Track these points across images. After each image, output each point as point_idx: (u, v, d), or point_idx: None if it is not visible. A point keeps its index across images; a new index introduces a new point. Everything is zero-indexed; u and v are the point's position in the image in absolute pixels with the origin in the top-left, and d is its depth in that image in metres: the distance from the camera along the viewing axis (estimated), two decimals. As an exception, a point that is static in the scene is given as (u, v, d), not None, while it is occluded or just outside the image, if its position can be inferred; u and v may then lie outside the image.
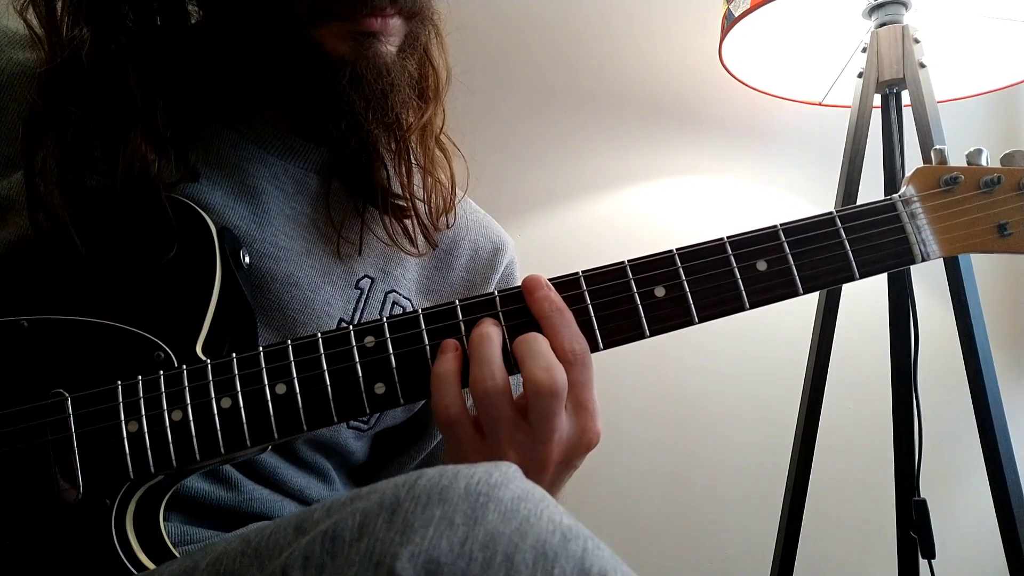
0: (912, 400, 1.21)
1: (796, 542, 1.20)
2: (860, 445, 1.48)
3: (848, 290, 1.20)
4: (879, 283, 1.26)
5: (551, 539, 0.39)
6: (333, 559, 0.38)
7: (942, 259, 1.08)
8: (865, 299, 1.37)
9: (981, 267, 1.14)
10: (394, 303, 0.72)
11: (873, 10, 1.17)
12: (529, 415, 0.54)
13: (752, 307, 0.57)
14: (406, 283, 0.74)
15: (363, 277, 0.71)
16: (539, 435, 0.54)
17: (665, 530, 1.50)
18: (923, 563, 1.21)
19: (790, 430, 1.23)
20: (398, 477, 0.42)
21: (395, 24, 0.62)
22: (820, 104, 1.39)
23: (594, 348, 0.56)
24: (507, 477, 0.41)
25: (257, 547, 0.42)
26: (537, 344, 0.54)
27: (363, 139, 0.67)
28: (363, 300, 0.71)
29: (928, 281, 1.43)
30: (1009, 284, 1.55)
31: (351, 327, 0.56)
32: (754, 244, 0.58)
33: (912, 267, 1.20)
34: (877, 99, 1.21)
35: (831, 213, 0.59)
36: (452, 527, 0.38)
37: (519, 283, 0.80)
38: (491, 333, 0.55)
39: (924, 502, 1.18)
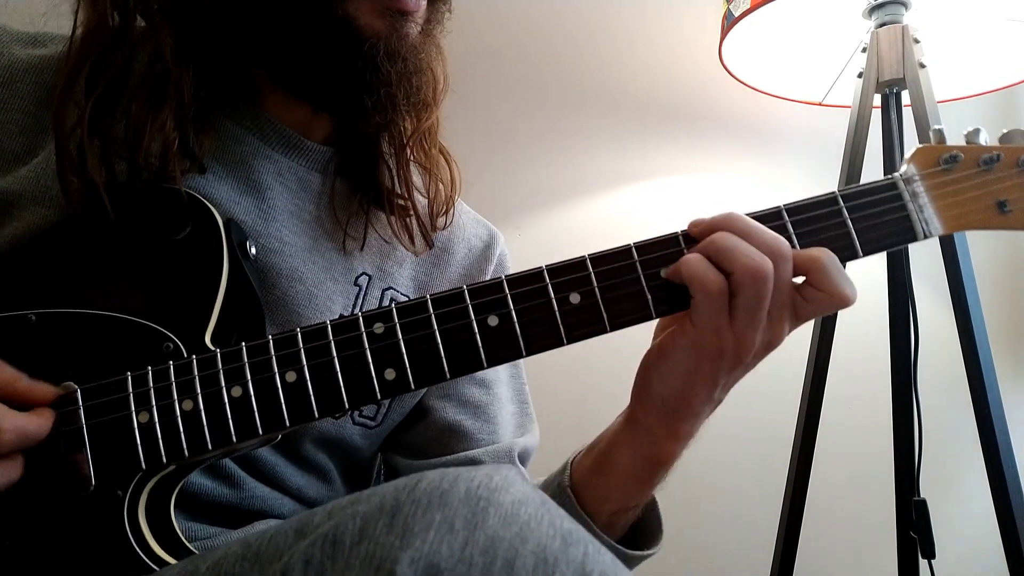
0: (912, 400, 1.21)
1: (796, 542, 1.20)
2: (860, 445, 1.48)
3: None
4: (879, 282, 1.26)
5: (552, 544, 0.39)
6: (333, 563, 0.38)
7: (942, 258, 1.09)
8: (865, 299, 1.36)
9: (981, 266, 1.14)
10: (392, 299, 0.73)
11: (873, 10, 1.18)
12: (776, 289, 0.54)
13: None
14: (403, 280, 0.75)
15: (361, 274, 0.72)
16: (770, 315, 0.55)
17: (665, 530, 1.50)
18: (923, 563, 1.21)
19: (790, 430, 1.23)
20: (398, 480, 0.42)
21: (424, 7, 0.65)
22: (820, 104, 1.40)
23: (602, 331, 0.57)
24: (507, 481, 0.42)
25: (257, 551, 0.42)
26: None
27: (388, 115, 0.68)
28: (361, 296, 0.72)
29: (928, 281, 1.43)
30: (1009, 283, 1.55)
31: (360, 314, 0.56)
32: (758, 222, 0.58)
33: (912, 267, 1.20)
34: (877, 99, 1.22)
35: (833, 193, 0.59)
36: (452, 531, 0.38)
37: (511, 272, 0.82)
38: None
39: (924, 502, 1.18)
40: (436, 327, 0.56)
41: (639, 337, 0.63)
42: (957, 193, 0.60)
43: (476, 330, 0.56)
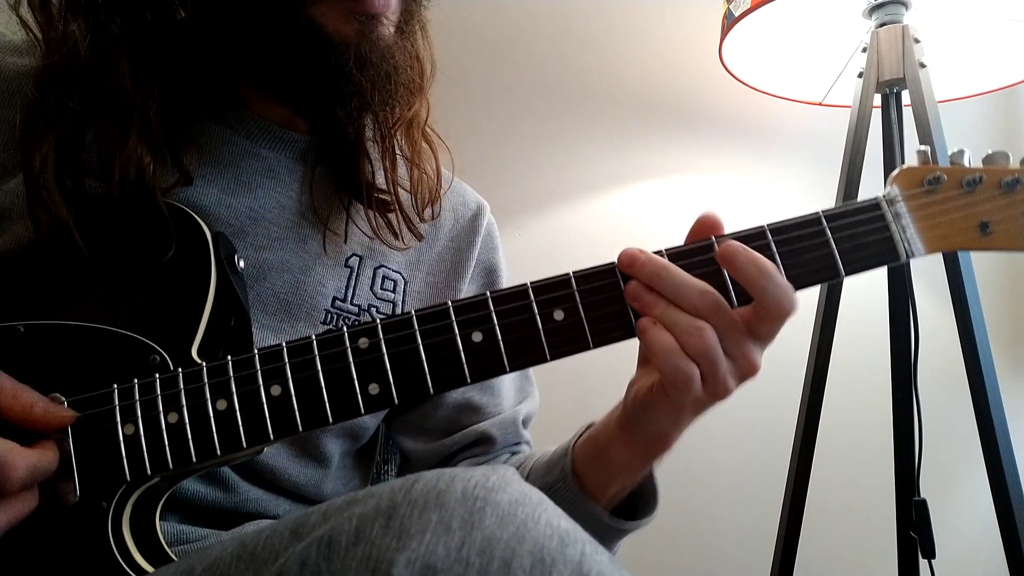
0: (912, 400, 1.21)
1: (796, 542, 1.20)
2: (860, 445, 1.48)
3: (848, 290, 1.20)
4: (879, 283, 1.26)
5: (549, 543, 0.39)
6: (329, 564, 0.38)
7: (942, 259, 1.09)
8: (865, 299, 1.37)
9: (981, 267, 1.14)
10: (384, 277, 0.74)
11: (873, 10, 1.17)
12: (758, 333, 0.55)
13: (740, 304, 0.57)
14: (394, 256, 0.75)
15: (351, 256, 0.72)
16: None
17: (665, 530, 1.50)
18: (923, 563, 1.21)
19: (790, 430, 1.22)
20: (395, 481, 0.42)
21: (395, 3, 0.62)
22: (820, 104, 1.39)
23: (585, 348, 0.57)
24: (504, 481, 0.42)
25: (253, 551, 0.42)
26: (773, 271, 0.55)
27: (364, 122, 0.67)
28: (354, 277, 0.72)
29: (928, 281, 1.43)
30: (1009, 284, 1.55)
31: (345, 328, 0.56)
32: (742, 243, 0.58)
33: (912, 267, 1.20)
34: (877, 99, 1.21)
35: (817, 213, 0.59)
36: (449, 532, 0.38)
37: (498, 240, 0.82)
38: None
39: (924, 502, 1.18)
40: (420, 342, 0.56)
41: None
42: (940, 214, 0.60)
43: (460, 346, 0.56)
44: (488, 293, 0.57)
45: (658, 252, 0.58)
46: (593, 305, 0.57)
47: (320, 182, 0.72)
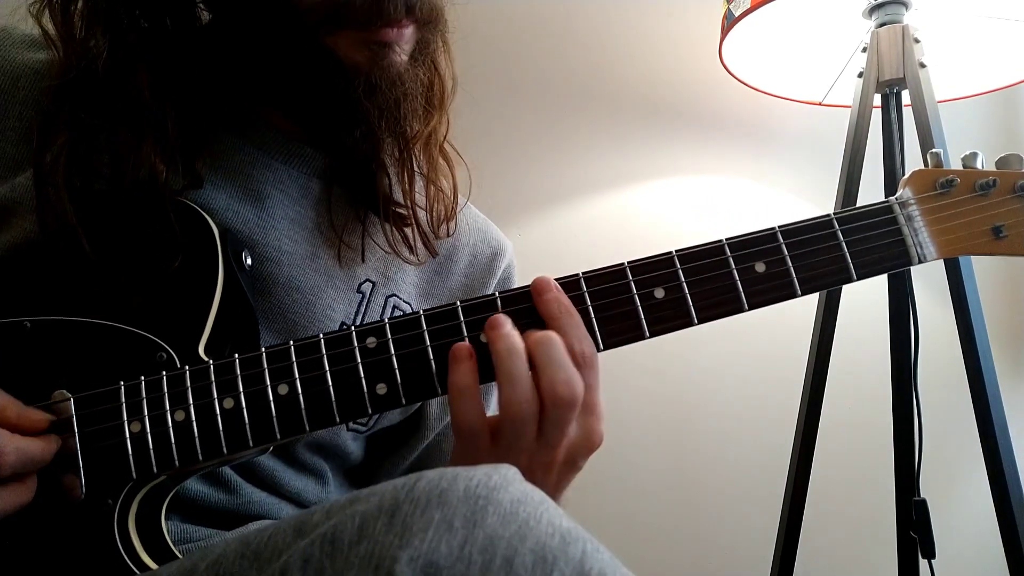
0: (912, 400, 1.21)
1: (796, 542, 1.20)
2: (860, 445, 1.48)
3: (848, 290, 1.19)
4: (879, 283, 1.26)
5: (550, 542, 0.39)
6: (332, 562, 0.38)
7: (942, 260, 1.09)
8: (865, 299, 1.37)
9: (981, 267, 1.14)
10: (395, 307, 0.73)
11: (873, 10, 1.17)
12: (543, 423, 0.54)
13: (751, 308, 0.57)
14: (407, 287, 0.74)
15: (365, 281, 0.71)
16: (550, 440, 0.54)
17: (665, 530, 1.50)
18: (923, 563, 1.21)
19: (790, 430, 1.23)
20: (397, 480, 0.42)
21: (409, 33, 0.63)
22: (820, 104, 1.39)
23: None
24: (506, 480, 0.42)
25: (256, 549, 0.42)
26: (557, 351, 0.54)
27: (374, 146, 0.67)
28: (364, 304, 0.71)
29: (928, 281, 1.43)
30: (1009, 284, 1.55)
31: (353, 328, 0.56)
32: (753, 246, 0.58)
33: (912, 268, 1.20)
34: (877, 99, 1.22)
35: (829, 216, 0.59)
36: (451, 530, 0.38)
37: (513, 284, 0.80)
38: (518, 348, 0.54)
39: (924, 502, 1.18)
40: (428, 343, 0.56)
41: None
42: (953, 218, 0.60)
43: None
44: (497, 294, 0.57)
45: (667, 253, 0.58)
46: (604, 307, 0.57)
47: (337, 201, 0.71)
